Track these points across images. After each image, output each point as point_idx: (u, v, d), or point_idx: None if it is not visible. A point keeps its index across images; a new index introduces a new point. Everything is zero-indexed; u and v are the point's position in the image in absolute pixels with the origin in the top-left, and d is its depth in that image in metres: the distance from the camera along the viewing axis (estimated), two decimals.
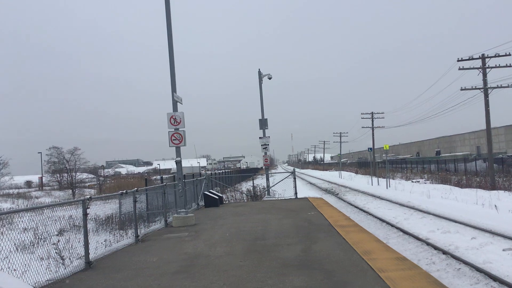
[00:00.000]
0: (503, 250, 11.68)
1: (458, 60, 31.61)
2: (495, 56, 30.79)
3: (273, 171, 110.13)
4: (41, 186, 65.95)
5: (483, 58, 31.12)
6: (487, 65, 31.07)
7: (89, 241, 9.17)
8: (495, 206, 19.39)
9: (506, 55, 30.46)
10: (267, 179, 27.94)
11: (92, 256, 9.29)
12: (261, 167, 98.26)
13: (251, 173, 66.06)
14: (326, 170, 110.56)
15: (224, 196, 24.47)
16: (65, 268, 9.12)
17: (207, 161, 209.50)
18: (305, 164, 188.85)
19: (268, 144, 27.46)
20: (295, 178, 23.84)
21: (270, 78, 28.62)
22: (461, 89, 32.58)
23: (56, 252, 10.25)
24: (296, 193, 23.11)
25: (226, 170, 76.75)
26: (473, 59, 31.36)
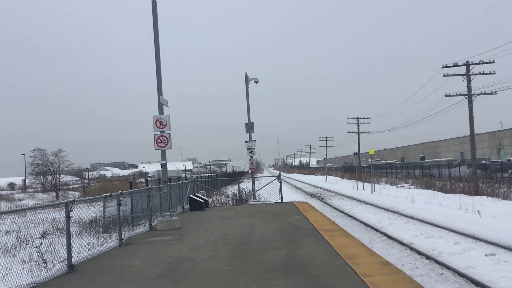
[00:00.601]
0: (486, 255, 11.80)
1: (443, 67, 31.95)
2: (479, 63, 31.16)
3: (259, 175, 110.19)
4: (24, 188, 65.18)
5: (467, 65, 31.50)
6: (471, 72, 31.44)
7: (72, 244, 9.08)
8: (478, 211, 19.59)
9: (490, 62, 30.85)
10: (253, 183, 27.94)
11: (75, 259, 9.20)
12: (247, 171, 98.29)
13: (237, 176, 66.05)
14: (312, 174, 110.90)
15: (209, 200, 24.42)
16: (47, 272, 9.02)
17: (193, 164, 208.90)
18: (291, 168, 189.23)
19: (254, 148, 27.46)
20: (280, 182, 23.86)
21: (256, 82, 28.63)
22: (446, 96, 32.94)
23: (38, 255, 10.12)
24: (281, 197, 23.13)
25: (212, 174, 76.59)
26: (457, 65, 31.71)
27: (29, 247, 11.82)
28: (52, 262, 10.12)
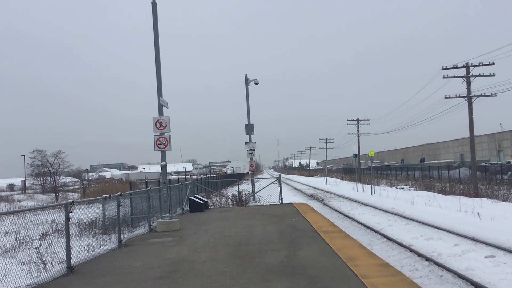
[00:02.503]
0: (485, 257, 11.79)
1: (442, 69, 31.98)
2: (479, 65, 31.19)
3: (258, 176, 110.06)
4: (24, 189, 65.16)
5: (467, 67, 31.52)
6: (471, 74, 31.48)
7: (72, 245, 9.07)
8: (478, 213, 19.59)
9: (489, 64, 30.88)
10: (253, 185, 27.90)
11: (74, 261, 9.19)
12: (247, 173, 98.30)
13: (236, 178, 65.98)
14: (312, 176, 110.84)
15: (209, 201, 24.40)
16: (46, 273, 9.00)
17: (193, 165, 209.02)
18: (291, 170, 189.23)
19: (254, 150, 27.45)
20: (280, 184, 23.86)
21: (256, 84, 28.61)
22: (445, 97, 32.97)
23: (37, 257, 10.11)
24: (281, 199, 23.13)
25: (212, 175, 76.57)
26: (457, 67, 31.74)
27: (29, 248, 11.82)
28: (51, 263, 10.11)
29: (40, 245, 10.96)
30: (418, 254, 12.70)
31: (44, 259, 10.06)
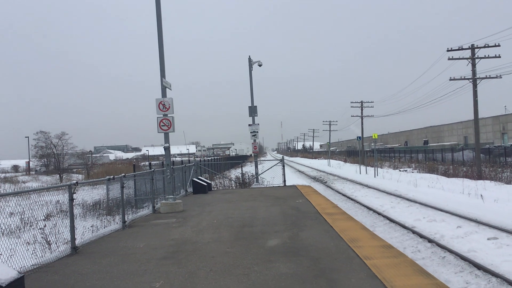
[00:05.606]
0: (488, 239, 11.82)
1: (447, 50, 31.67)
2: (484, 47, 30.86)
3: (262, 158, 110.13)
4: (28, 170, 65.51)
5: (472, 48, 31.20)
6: (476, 56, 31.18)
7: (76, 226, 9.12)
8: (481, 195, 19.59)
9: (495, 45, 30.56)
10: (256, 167, 27.97)
11: (78, 241, 9.25)
12: (250, 155, 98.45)
13: (240, 160, 66.06)
14: (315, 158, 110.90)
15: (212, 183, 24.47)
16: (51, 253, 9.07)
17: (196, 147, 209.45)
18: (294, 152, 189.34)
19: (258, 132, 27.45)
20: (284, 166, 23.86)
21: (260, 65, 28.51)
22: (450, 79, 32.71)
23: (42, 237, 10.19)
24: (284, 181, 23.16)
25: (215, 157, 76.69)
26: (462, 49, 31.43)
27: (33, 229, 11.90)
28: (56, 243, 10.19)
29: (45, 225, 11.03)
30: (421, 236, 12.74)
31: (48, 240, 10.13)
